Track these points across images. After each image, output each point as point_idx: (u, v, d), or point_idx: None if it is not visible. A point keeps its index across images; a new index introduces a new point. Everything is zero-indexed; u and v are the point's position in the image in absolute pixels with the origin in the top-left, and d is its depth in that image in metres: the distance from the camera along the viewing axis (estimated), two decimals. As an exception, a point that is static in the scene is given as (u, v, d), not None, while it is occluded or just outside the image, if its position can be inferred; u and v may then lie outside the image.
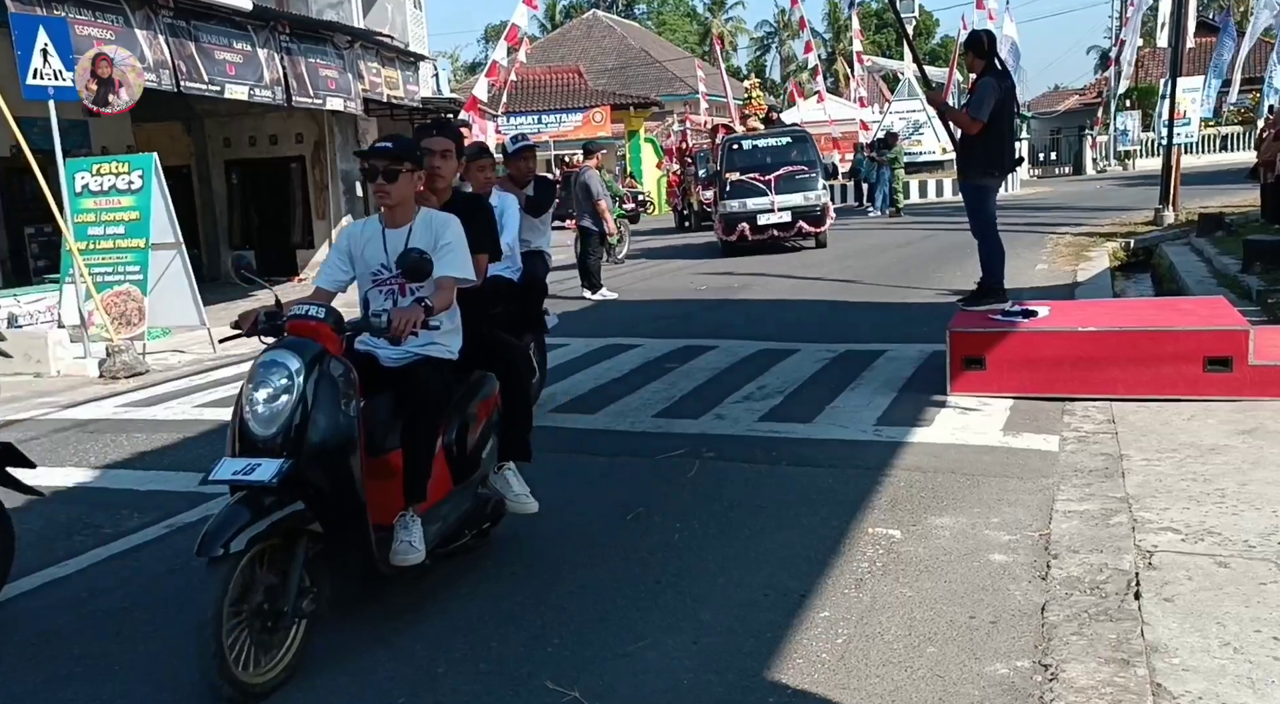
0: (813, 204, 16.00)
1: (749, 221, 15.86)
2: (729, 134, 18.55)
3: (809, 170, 16.39)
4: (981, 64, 6.77)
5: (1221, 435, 5.07)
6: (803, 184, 16.14)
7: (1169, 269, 11.44)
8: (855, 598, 3.57)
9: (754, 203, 16.02)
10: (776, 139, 17.35)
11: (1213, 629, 3.10)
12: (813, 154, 16.88)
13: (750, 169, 16.43)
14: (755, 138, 17.56)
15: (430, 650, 3.32)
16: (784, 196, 15.90)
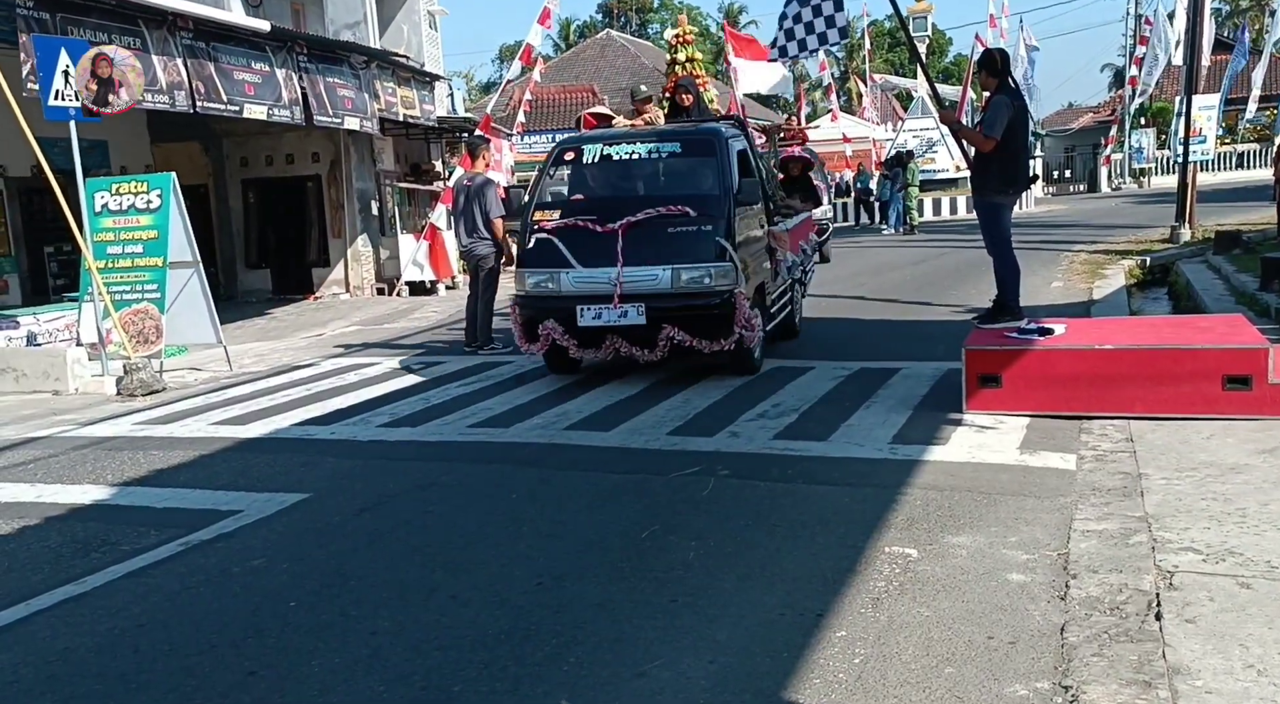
0: (704, 288, 7.32)
1: (563, 319, 7.52)
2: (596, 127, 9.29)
3: (706, 214, 7.47)
4: (995, 82, 6.78)
5: (1242, 454, 5.02)
6: (688, 244, 7.41)
7: (1186, 287, 11.38)
8: (872, 617, 3.55)
9: (577, 281, 7.57)
10: (659, 146, 8.15)
11: (1236, 651, 3.07)
12: (724, 178, 7.75)
13: (593, 207, 7.83)
14: (624, 142, 8.25)
15: (445, 669, 3.31)
16: (639, 272, 7.37)
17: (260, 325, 13.73)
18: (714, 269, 7.24)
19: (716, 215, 7.39)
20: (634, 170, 8.17)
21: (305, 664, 3.38)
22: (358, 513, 5.04)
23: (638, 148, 8.05)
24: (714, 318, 7.23)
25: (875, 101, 34.88)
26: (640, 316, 7.21)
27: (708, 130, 8.26)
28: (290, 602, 3.91)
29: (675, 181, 8.10)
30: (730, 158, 7.82)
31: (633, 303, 7.22)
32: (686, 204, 7.44)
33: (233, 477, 5.79)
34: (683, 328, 7.21)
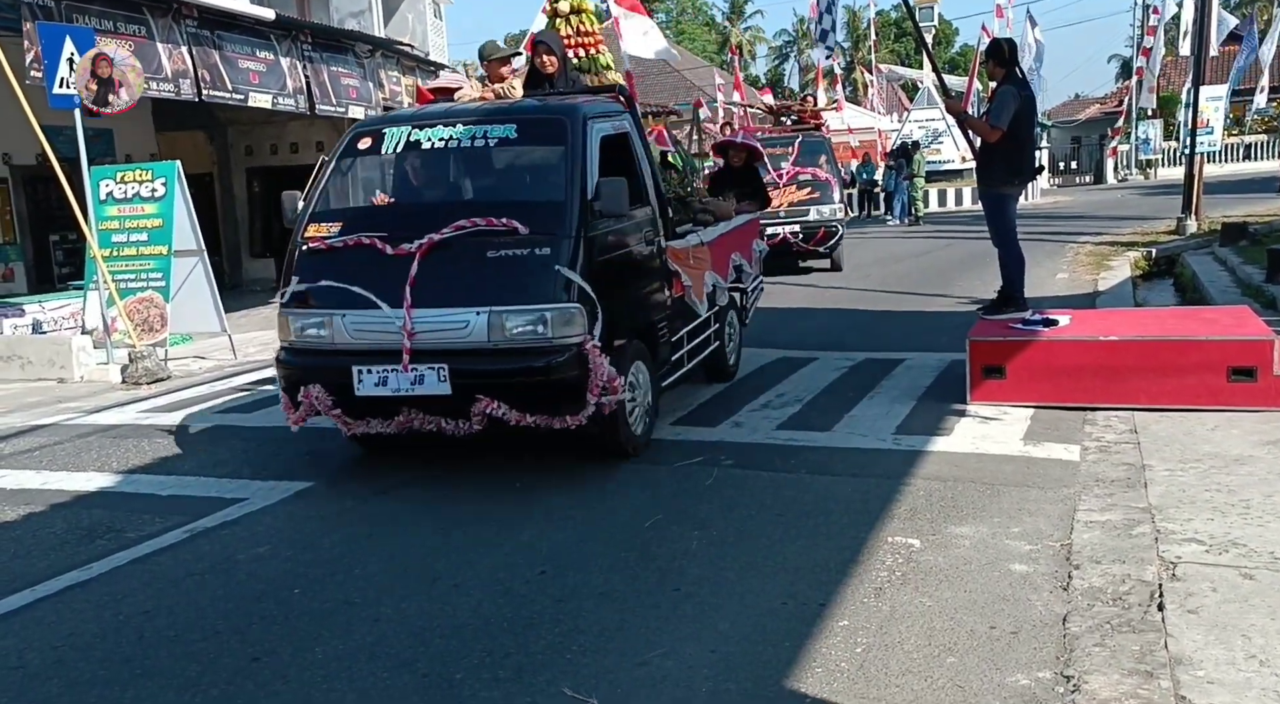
0: (536, 341, 4.95)
1: (333, 385, 5.19)
2: None
3: (545, 231, 5.07)
4: (1002, 72, 6.75)
5: (1246, 446, 5.01)
6: (515, 276, 5.01)
7: (1191, 278, 11.35)
8: (874, 607, 3.55)
9: (355, 329, 5.16)
10: (488, 130, 5.51)
11: (1238, 642, 3.07)
12: (577, 178, 5.23)
13: (388, 219, 5.55)
14: (439, 125, 5.57)
15: (448, 656, 3.33)
16: (442, 318, 4.99)
17: (265, 314, 13.73)
18: (552, 313, 4.82)
19: (560, 232, 4.97)
20: (449, 165, 5.79)
21: (309, 650, 3.39)
22: (362, 501, 5.05)
23: (457, 133, 5.41)
24: (553, 385, 4.87)
25: (881, 92, 34.77)
26: (442, 383, 4.84)
27: (559, 108, 5.59)
28: (294, 589, 3.92)
29: (506, 182, 5.82)
30: (587, 148, 5.26)
31: (432, 362, 4.85)
32: (517, 215, 5.00)
33: (237, 465, 5.81)
34: (507, 399, 4.86)
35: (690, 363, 6.44)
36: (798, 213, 14.02)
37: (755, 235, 8.11)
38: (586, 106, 5.59)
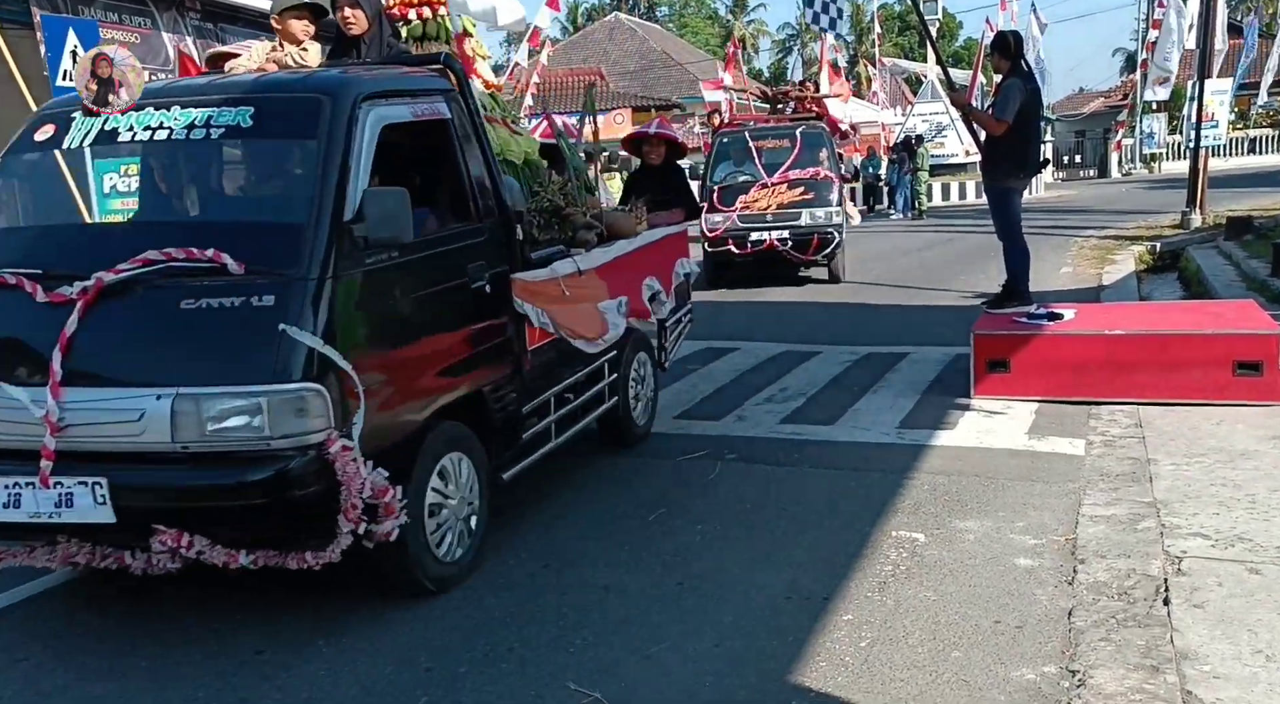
0: (250, 441, 3.16)
1: None
2: None
3: (271, 271, 3.31)
4: (1008, 65, 6.71)
5: (1251, 440, 5.00)
6: (218, 339, 3.28)
7: (1196, 273, 11.31)
8: (879, 601, 3.55)
9: None
10: (212, 115, 3.66)
11: (1244, 636, 3.06)
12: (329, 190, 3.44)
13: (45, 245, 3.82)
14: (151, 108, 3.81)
15: (452, 650, 3.32)
16: (100, 402, 3.20)
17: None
18: (273, 399, 3.17)
19: (293, 271, 3.31)
20: (153, 168, 4.31)
21: (312, 645, 3.39)
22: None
23: (170, 120, 3.73)
24: (276, 510, 3.23)
25: (885, 85, 34.66)
26: (101, 506, 3.18)
27: (316, 83, 3.88)
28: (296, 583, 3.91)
29: (229, 195, 4.18)
30: (354, 143, 3.57)
31: (86, 474, 3.18)
32: (234, 243, 3.39)
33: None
34: (205, 529, 3.24)
35: (563, 435, 4.78)
36: (786, 216, 12.00)
37: (680, 253, 6.32)
38: (364, 81, 3.79)
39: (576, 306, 4.74)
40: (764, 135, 13.03)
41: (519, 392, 4.29)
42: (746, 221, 11.96)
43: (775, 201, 12.06)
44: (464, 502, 3.89)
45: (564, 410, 4.80)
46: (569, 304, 4.64)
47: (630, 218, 5.59)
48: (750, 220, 11.98)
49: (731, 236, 11.91)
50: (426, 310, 3.74)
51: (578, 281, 4.75)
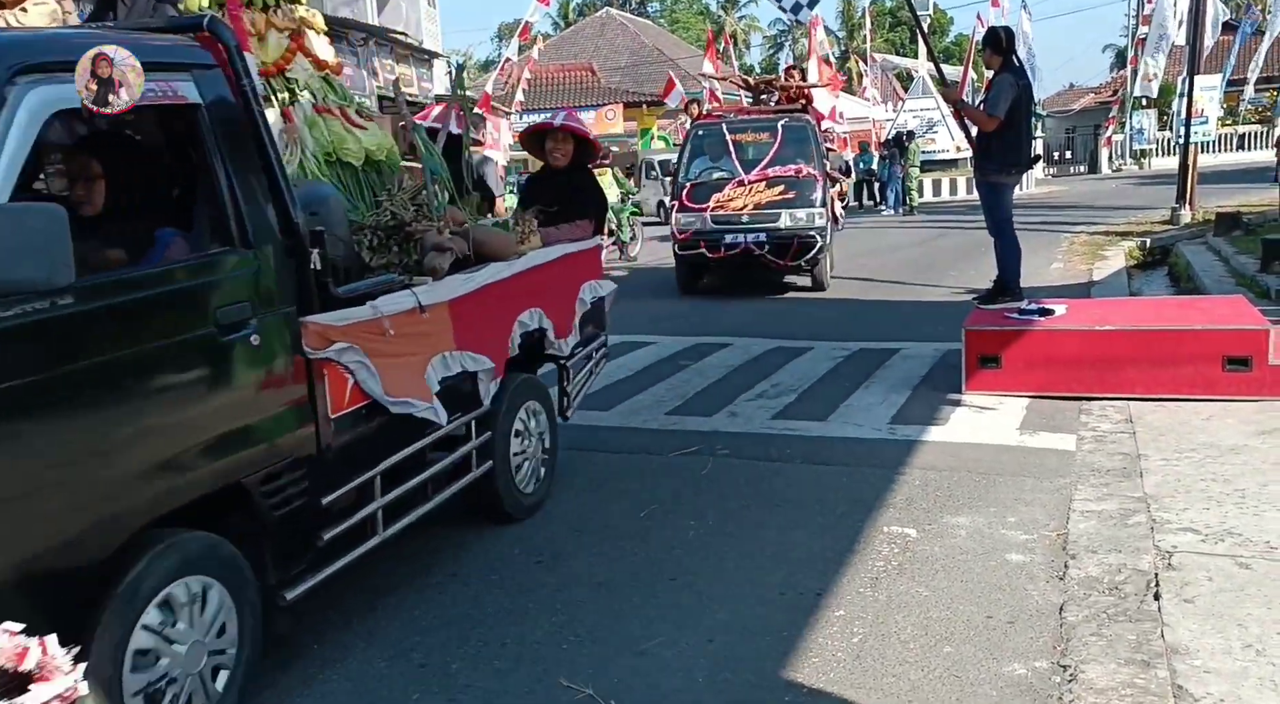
0: None
1: None
2: None
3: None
4: (999, 61, 6.73)
5: (1241, 436, 5.02)
6: None
7: (1186, 268, 11.36)
8: (871, 597, 3.55)
9: None
10: None
11: (1234, 631, 3.07)
12: None
13: None
14: None
15: (444, 647, 3.32)
16: None
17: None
18: None
19: None
20: None
21: (302, 643, 3.38)
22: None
23: None
24: None
25: (876, 81, 34.69)
26: None
27: None
28: (289, 579, 3.90)
29: None
30: None
31: None
32: None
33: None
34: None
35: (397, 524, 3.60)
36: (764, 218, 10.83)
37: (587, 275, 5.15)
38: (18, 46, 2.88)
39: (409, 358, 3.55)
40: (743, 128, 11.86)
41: (313, 478, 3.13)
42: (720, 223, 10.84)
43: (752, 201, 10.89)
44: (203, 651, 2.71)
45: (398, 492, 3.57)
46: (396, 355, 3.44)
47: (508, 235, 4.46)
48: (724, 221, 10.85)
49: (703, 239, 10.84)
50: (123, 379, 2.57)
51: (412, 323, 3.54)
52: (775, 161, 11.18)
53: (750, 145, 11.64)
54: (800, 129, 11.62)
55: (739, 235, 10.72)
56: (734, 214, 10.86)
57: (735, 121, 12.02)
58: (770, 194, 10.90)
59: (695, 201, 11.06)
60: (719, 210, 10.90)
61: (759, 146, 11.56)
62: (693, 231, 10.92)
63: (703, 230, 10.88)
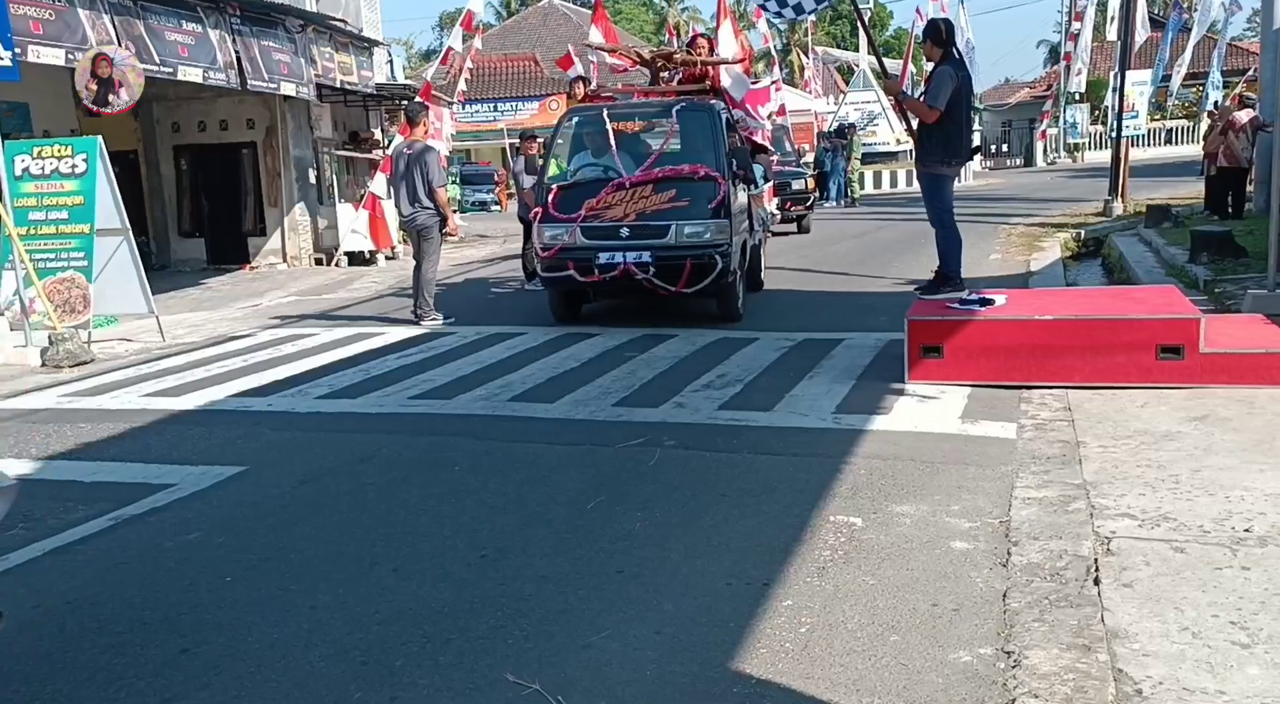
0: None
1: None
2: None
3: None
4: (939, 53, 6.79)
5: (1174, 422, 5.14)
6: None
7: (1119, 259, 11.63)
8: (818, 586, 3.56)
9: None
10: None
11: (1171, 614, 3.13)
12: None
13: None
14: None
15: (387, 644, 3.25)
16: None
17: (194, 296, 13.36)
18: None
19: None
20: None
21: (242, 640, 3.28)
22: (296, 485, 4.92)
23: None
24: None
25: (818, 74, 34.96)
26: None
27: None
28: (226, 576, 3.80)
29: None
30: None
31: None
32: None
33: (165, 449, 5.62)
34: None
35: None
36: (648, 230, 8.37)
37: None
38: None
39: None
40: (628, 115, 9.50)
41: None
42: (594, 236, 8.43)
43: (634, 209, 8.45)
44: None
45: None
46: None
47: None
48: (599, 235, 8.43)
49: (572, 257, 8.41)
50: None
51: None
52: (666, 158, 8.82)
53: (638, 137, 9.43)
54: (701, 117, 9.11)
55: (616, 254, 8.30)
56: (611, 224, 8.43)
57: (618, 107, 9.73)
58: (657, 200, 8.46)
59: (563, 210, 8.64)
60: (592, 220, 8.48)
61: (649, 138, 9.43)
62: (559, 248, 8.50)
63: (571, 246, 8.47)
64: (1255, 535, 3.68)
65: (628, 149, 9.10)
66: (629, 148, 9.14)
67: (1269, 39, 13.06)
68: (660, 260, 8.28)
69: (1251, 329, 6.32)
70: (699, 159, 8.75)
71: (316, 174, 17.34)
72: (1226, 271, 9.22)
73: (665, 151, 8.92)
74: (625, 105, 9.95)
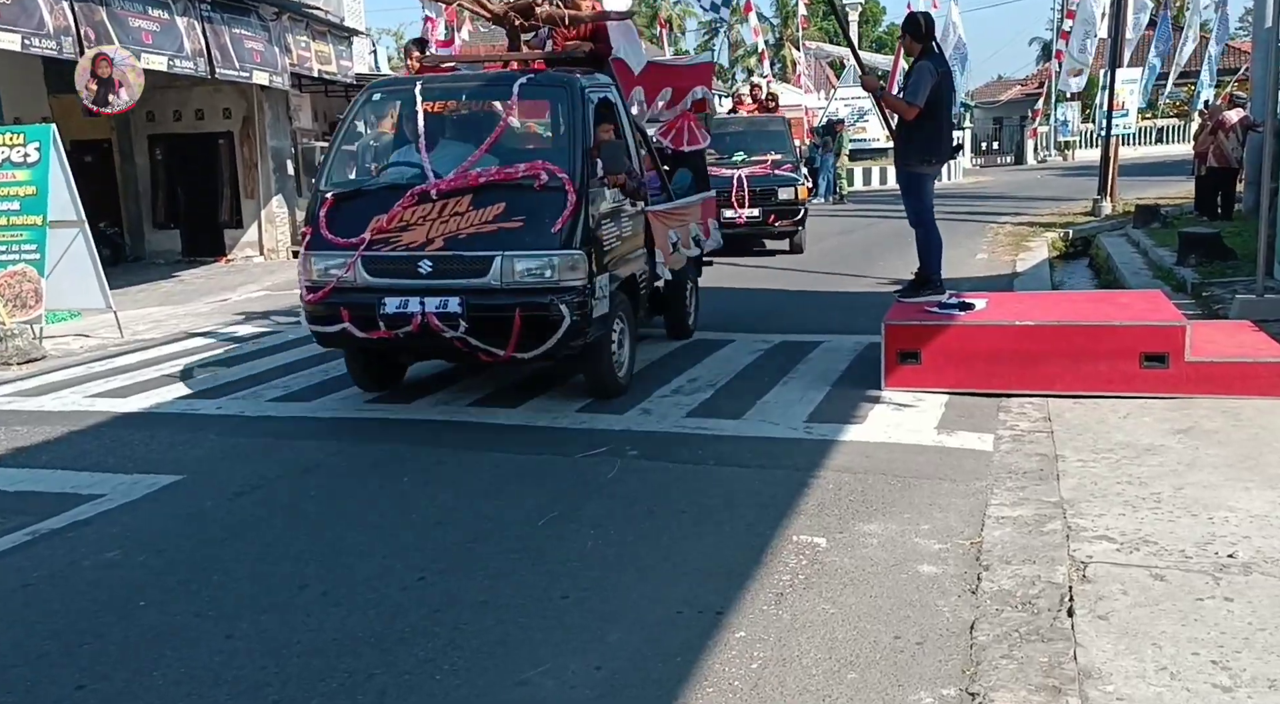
0: None
1: None
2: None
3: None
4: (919, 47, 6.54)
5: (1157, 435, 4.92)
6: None
7: (1106, 260, 11.43)
8: (774, 615, 3.32)
9: None
10: None
11: (1149, 651, 2.91)
12: None
13: None
14: None
15: (303, 680, 2.99)
16: None
17: (166, 289, 13.05)
18: None
19: None
20: None
21: (146, 674, 3.03)
22: (233, 497, 4.65)
23: None
24: None
25: (810, 69, 34.68)
26: None
27: None
28: (140, 601, 3.55)
29: None
30: None
31: None
32: None
33: (101, 455, 5.35)
34: None
35: None
36: (460, 267, 5.63)
37: None
38: None
39: None
40: (453, 91, 6.63)
41: None
42: (381, 272, 5.68)
43: (442, 231, 5.66)
44: None
45: None
46: None
47: None
48: (388, 270, 5.69)
49: (349, 304, 5.66)
50: None
51: None
52: (497, 155, 5.95)
53: (461, 124, 6.65)
54: (554, 94, 6.29)
55: (411, 300, 5.50)
56: (407, 256, 5.63)
57: (440, 81, 6.65)
58: (477, 219, 5.64)
59: (340, 230, 5.80)
60: (379, 248, 5.67)
61: (475, 126, 6.44)
62: (330, 288, 5.70)
63: (348, 286, 5.68)
64: (1239, 562, 3.46)
65: (447, 142, 6.31)
66: (450, 139, 6.39)
67: (1260, 38, 12.87)
68: (477, 311, 5.46)
69: (1239, 336, 6.11)
70: (544, 156, 5.95)
71: (295, 165, 17.02)
72: (1215, 274, 9.03)
73: (497, 145, 5.98)
74: (449, 79, 6.85)
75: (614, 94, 6.78)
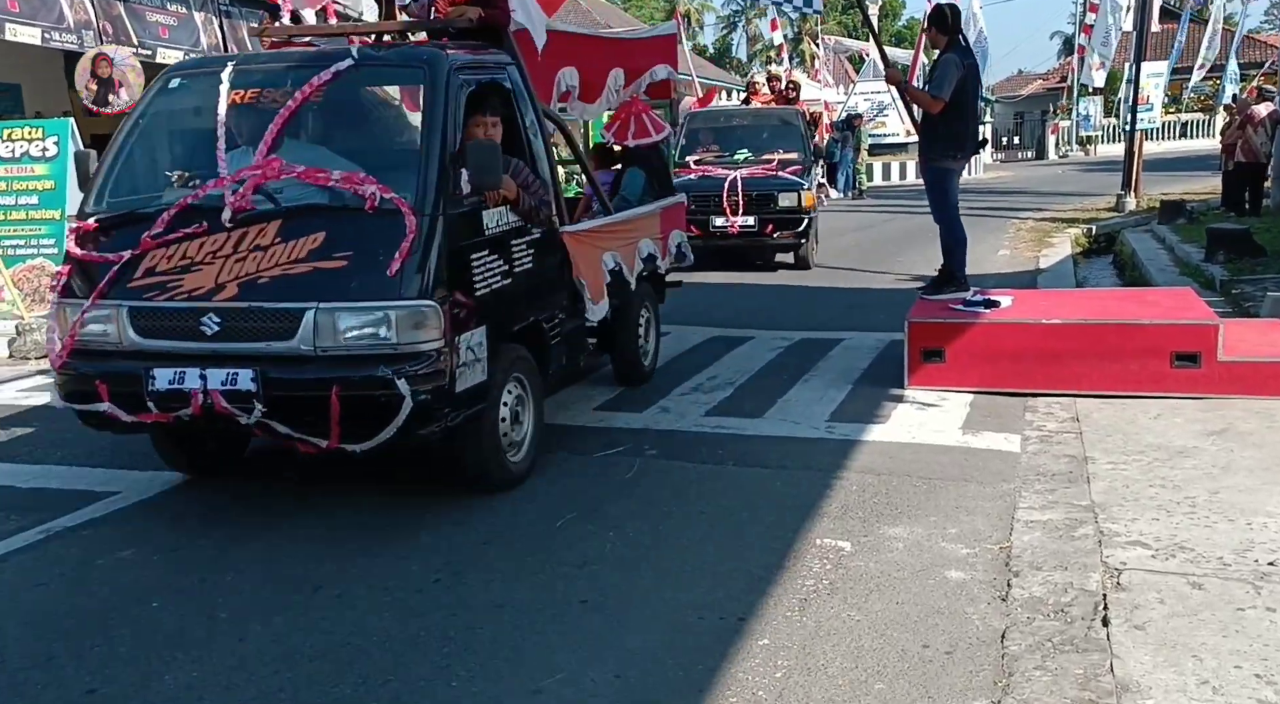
0: None
1: None
2: None
3: None
4: (945, 40, 6.41)
5: (1190, 436, 4.79)
6: None
7: (1131, 257, 11.25)
8: (798, 622, 3.23)
9: None
10: None
11: (1189, 664, 2.80)
12: None
13: None
14: None
15: (316, 685, 2.93)
16: None
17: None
18: None
19: None
20: None
21: (157, 679, 2.97)
22: (248, 496, 4.60)
23: None
24: None
25: (829, 63, 34.44)
26: None
27: None
28: (153, 601, 3.49)
29: None
30: None
31: None
32: None
33: (115, 452, 5.27)
34: None
35: None
36: (255, 323, 3.93)
37: None
38: None
39: None
40: (274, 78, 4.58)
41: None
42: (151, 330, 4.06)
43: (236, 273, 4.00)
44: None
45: None
46: None
47: None
48: (161, 328, 4.06)
49: (106, 375, 4.07)
50: None
51: None
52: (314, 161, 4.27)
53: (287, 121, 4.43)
54: (408, 74, 4.81)
55: (190, 371, 3.92)
56: (186, 308, 4.02)
57: (258, 63, 4.84)
58: (283, 254, 4.01)
59: (100, 271, 4.20)
60: (150, 295, 4.09)
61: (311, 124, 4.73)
62: (82, 350, 4.18)
63: (112, 349, 4.13)
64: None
65: (241, 150, 4.36)
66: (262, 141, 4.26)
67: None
68: (278, 387, 3.88)
69: (1272, 335, 5.96)
70: (378, 164, 4.25)
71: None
72: (1244, 271, 8.85)
73: (321, 150, 4.47)
74: (271, 58, 4.98)
75: (512, 77, 4.96)
